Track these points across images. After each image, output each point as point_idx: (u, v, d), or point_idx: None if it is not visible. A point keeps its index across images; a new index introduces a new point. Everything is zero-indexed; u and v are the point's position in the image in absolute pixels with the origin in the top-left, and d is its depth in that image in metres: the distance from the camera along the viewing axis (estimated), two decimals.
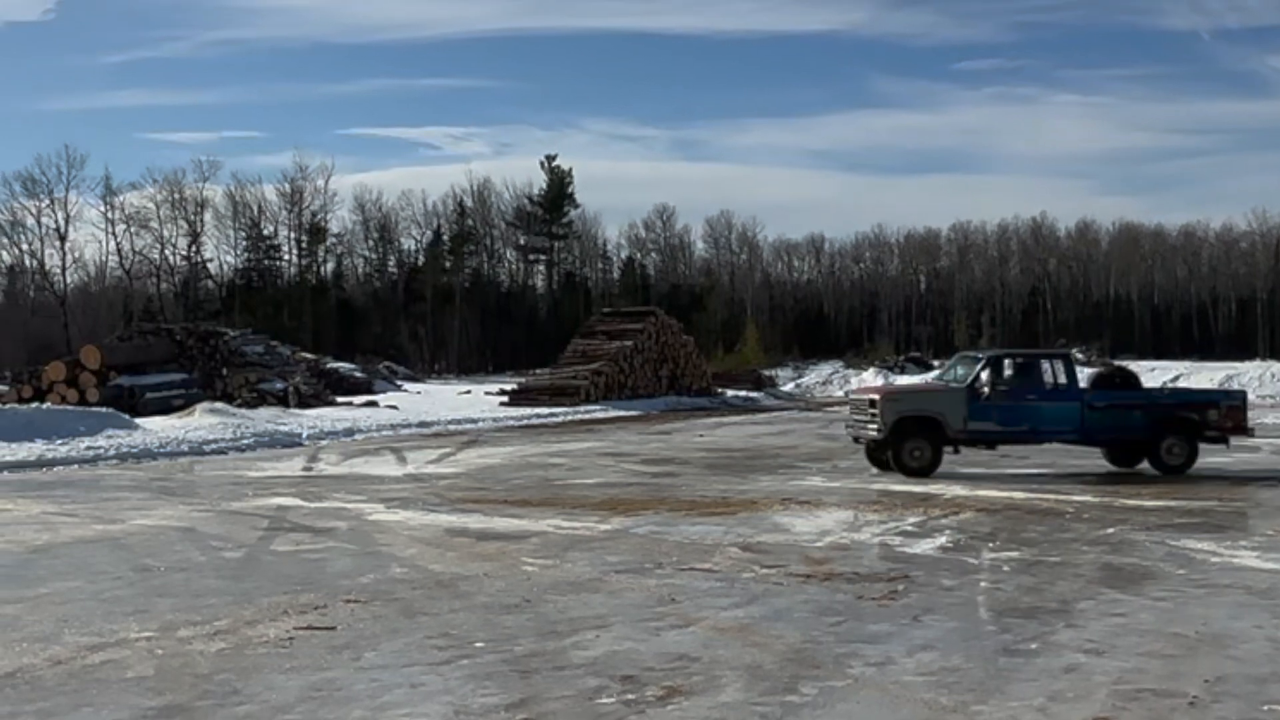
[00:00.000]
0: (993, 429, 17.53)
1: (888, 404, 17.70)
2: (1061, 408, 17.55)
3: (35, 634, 7.79)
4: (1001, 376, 17.90)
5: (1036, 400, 17.62)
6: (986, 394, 17.47)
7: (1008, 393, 17.61)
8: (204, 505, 14.43)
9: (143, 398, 31.48)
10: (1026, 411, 17.55)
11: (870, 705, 6.30)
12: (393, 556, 10.74)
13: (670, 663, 7.03)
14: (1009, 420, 17.49)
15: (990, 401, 17.44)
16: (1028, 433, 17.83)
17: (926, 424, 17.37)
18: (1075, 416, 17.52)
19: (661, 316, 43.90)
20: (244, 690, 6.51)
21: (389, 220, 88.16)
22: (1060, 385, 17.73)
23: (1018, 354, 19.34)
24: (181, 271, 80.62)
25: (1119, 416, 17.72)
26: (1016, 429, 17.65)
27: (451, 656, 7.19)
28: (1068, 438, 17.93)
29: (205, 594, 9.08)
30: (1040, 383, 17.85)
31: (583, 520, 12.93)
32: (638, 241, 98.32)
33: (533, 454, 20.18)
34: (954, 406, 17.45)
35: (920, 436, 17.27)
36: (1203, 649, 7.43)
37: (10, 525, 12.76)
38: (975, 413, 17.37)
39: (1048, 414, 17.58)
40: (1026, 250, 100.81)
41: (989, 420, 17.45)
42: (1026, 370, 18.19)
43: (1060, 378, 17.83)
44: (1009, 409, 17.48)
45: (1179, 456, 17.45)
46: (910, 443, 17.22)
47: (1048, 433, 17.89)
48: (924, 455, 17.18)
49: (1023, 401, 17.56)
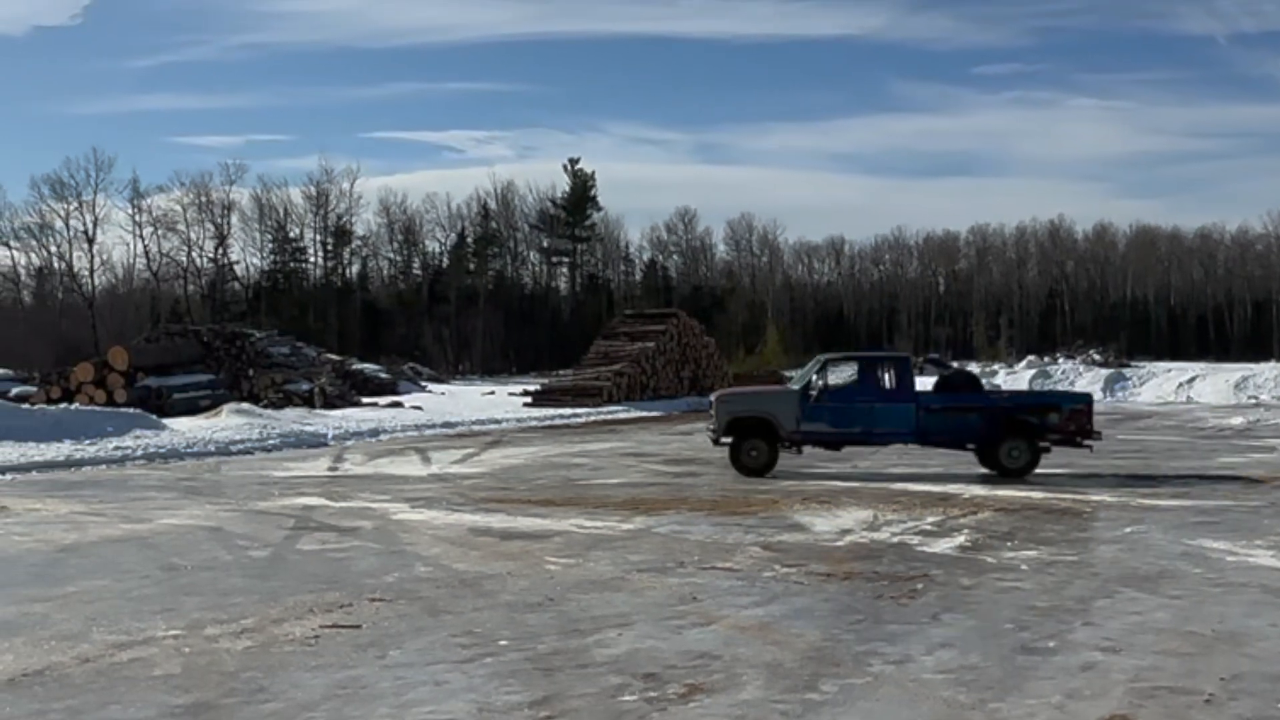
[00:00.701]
0: (826, 430, 17.89)
1: (722, 406, 18.31)
2: (896, 410, 17.71)
3: (64, 632, 7.86)
4: (836, 379, 18.15)
5: (870, 402, 17.79)
6: (817, 396, 17.78)
7: (842, 395, 17.86)
8: (230, 505, 14.52)
9: (170, 398, 31.68)
10: (860, 413, 17.78)
11: (890, 703, 6.32)
12: (417, 556, 10.79)
13: (692, 661, 7.06)
14: (842, 422, 17.80)
15: (823, 403, 17.75)
16: (862, 434, 18.05)
17: (761, 425, 17.78)
18: (910, 419, 17.69)
19: (683, 318, 43.91)
20: (270, 688, 6.56)
21: (414, 223, 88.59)
22: (895, 388, 17.88)
23: (853, 357, 19.61)
24: (208, 273, 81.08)
25: (955, 419, 17.82)
26: (850, 430, 17.90)
27: (475, 655, 7.23)
28: (903, 439, 18.13)
29: (232, 593, 9.15)
30: (875, 385, 17.96)
31: (605, 520, 12.96)
32: (659, 244, 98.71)
33: (556, 454, 20.22)
34: (786, 408, 17.89)
35: (758, 437, 17.73)
36: (1219, 647, 7.44)
37: (39, 524, 12.87)
38: (808, 414, 17.75)
39: (881, 416, 17.77)
40: (1044, 252, 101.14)
41: (822, 422, 17.80)
42: (861, 373, 18.28)
43: (895, 381, 17.97)
44: (842, 411, 17.77)
45: (1019, 459, 17.51)
46: (748, 443, 17.72)
47: (882, 434, 18.12)
48: (760, 456, 17.66)
49: (856, 404, 17.78)
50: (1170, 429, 26.88)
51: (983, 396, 18.63)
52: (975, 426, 17.70)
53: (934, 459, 18.69)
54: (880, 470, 17.61)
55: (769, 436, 17.74)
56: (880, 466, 17.75)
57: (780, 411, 17.86)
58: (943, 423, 17.71)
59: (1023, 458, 17.43)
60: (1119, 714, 6.10)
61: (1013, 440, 17.50)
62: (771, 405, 18.20)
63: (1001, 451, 17.50)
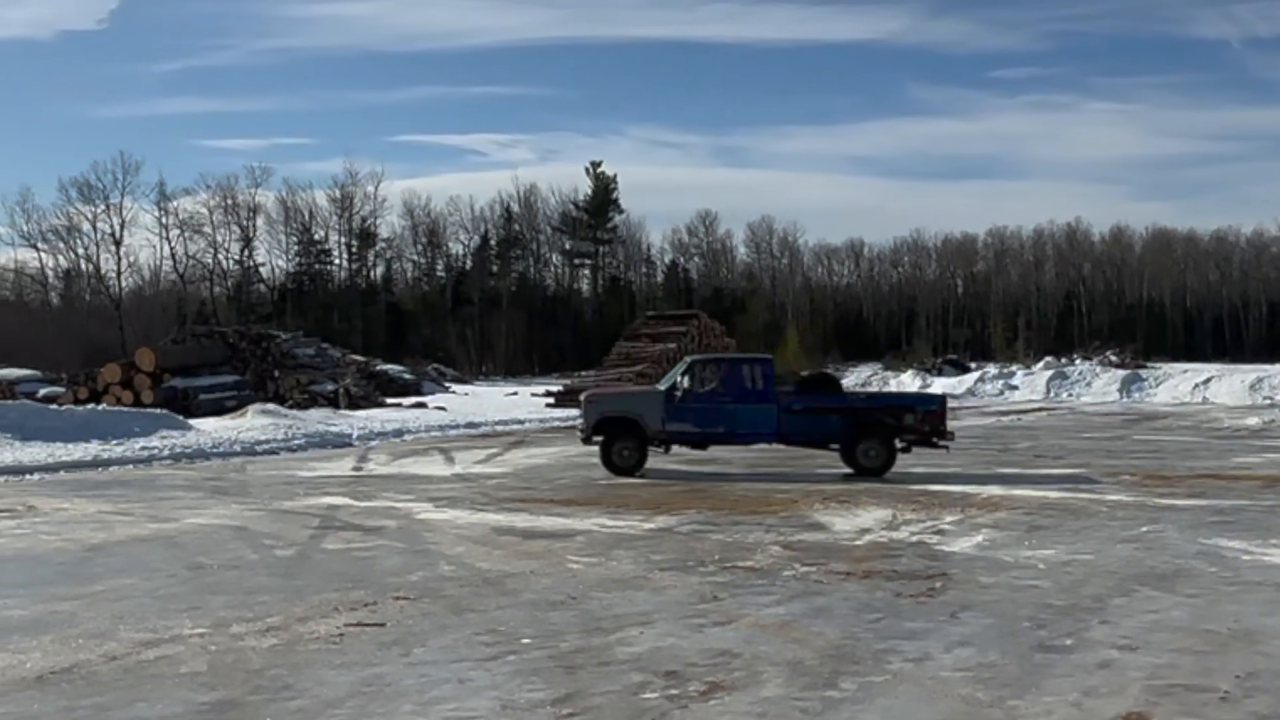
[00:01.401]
0: (691, 430, 18.17)
1: (591, 406, 18.59)
2: (758, 410, 18.00)
3: (91, 630, 7.93)
4: (701, 380, 18.31)
5: (734, 403, 18.05)
6: (682, 397, 18.03)
7: (706, 396, 18.10)
8: (256, 504, 14.61)
9: (196, 399, 31.86)
10: (723, 413, 18.07)
11: (909, 700, 6.34)
12: (441, 554, 10.85)
13: (713, 659, 7.09)
14: (706, 422, 18.08)
15: (688, 404, 18.00)
16: (725, 434, 18.33)
17: (628, 425, 18.05)
18: (771, 419, 18.00)
19: (704, 319, 43.92)
20: (295, 685, 6.61)
21: (437, 225, 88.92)
22: (758, 389, 18.10)
23: (718, 359, 19.88)
24: (234, 275, 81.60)
25: (815, 420, 18.08)
26: (714, 430, 18.18)
27: (499, 652, 7.27)
28: (765, 439, 18.39)
29: (257, 591, 9.22)
30: (738, 386, 18.18)
31: (627, 519, 13.00)
32: (681, 246, 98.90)
33: (578, 454, 20.22)
34: (652, 408, 18.19)
35: (626, 437, 18.00)
36: (1234, 645, 7.46)
37: (67, 524, 12.97)
38: (673, 415, 18.05)
39: (744, 416, 18.04)
40: (1061, 255, 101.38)
41: (686, 422, 18.08)
42: (726, 374, 18.47)
43: (759, 382, 18.18)
44: (706, 411, 18.05)
45: (875, 459, 17.82)
46: (619, 443, 17.99)
47: (745, 434, 18.39)
48: (630, 455, 17.94)
49: (720, 404, 18.04)
50: (1186, 429, 26.76)
51: (841, 398, 18.83)
52: (834, 427, 18.06)
53: (953, 459, 18.66)
54: (899, 470, 17.60)
55: (637, 436, 18.03)
56: (899, 467, 17.73)
57: (646, 412, 18.19)
58: (803, 423, 18.06)
59: (879, 457, 17.81)
60: (1135, 711, 6.11)
61: (869, 440, 17.86)
62: (638, 405, 18.55)
63: (859, 451, 17.84)
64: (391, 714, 6.14)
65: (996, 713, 6.13)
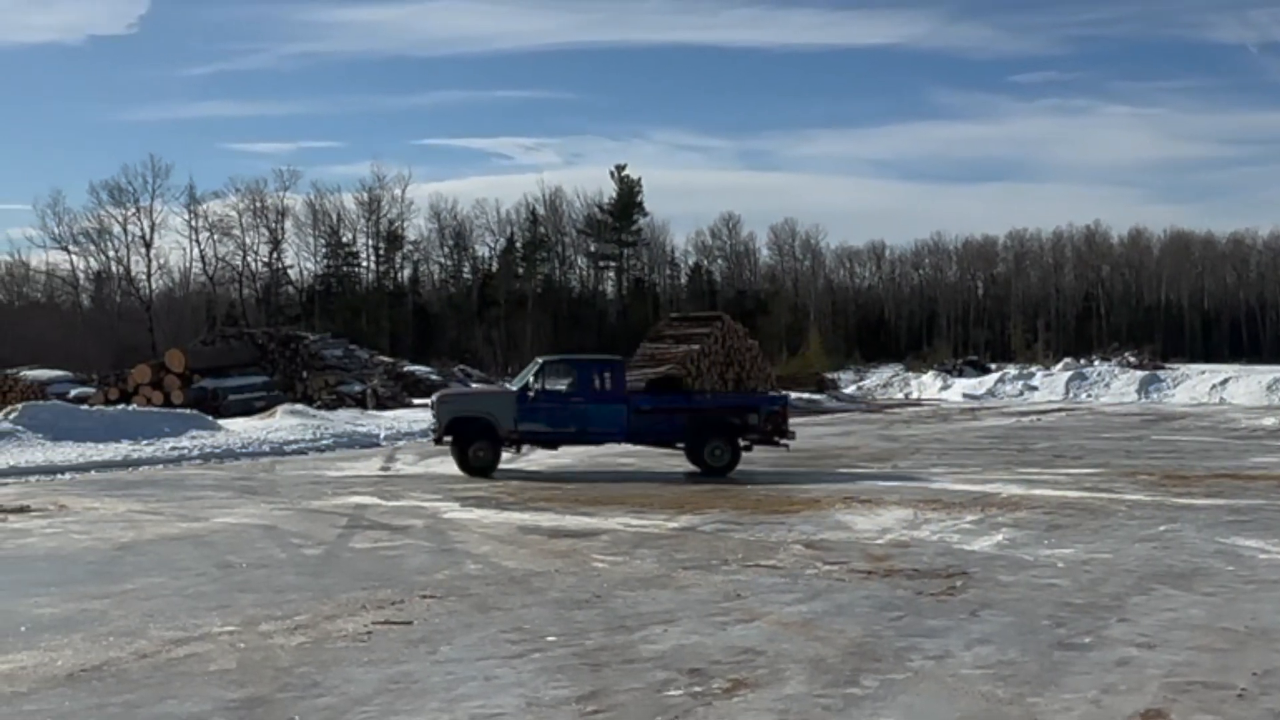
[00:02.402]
0: (543, 430, 18.29)
1: (443, 406, 18.68)
2: (608, 410, 18.14)
3: (122, 628, 8.02)
4: (552, 381, 18.40)
5: (584, 403, 18.17)
6: (534, 397, 18.09)
7: (558, 396, 18.19)
8: (285, 504, 14.71)
9: (225, 399, 32.06)
10: (574, 414, 18.19)
11: (930, 697, 6.36)
12: (467, 553, 10.92)
13: (736, 656, 7.12)
14: (557, 422, 18.19)
15: (540, 404, 18.06)
16: (577, 434, 18.48)
17: (481, 425, 18.09)
18: (621, 419, 18.14)
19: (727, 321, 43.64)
20: (324, 683, 6.67)
21: (464, 228, 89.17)
22: (608, 390, 18.22)
23: (569, 360, 19.94)
24: (263, 278, 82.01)
25: (664, 420, 18.30)
26: (565, 430, 18.32)
27: (524, 650, 7.32)
28: (615, 439, 18.59)
29: (286, 590, 9.29)
30: (589, 387, 18.30)
31: (651, 518, 13.04)
32: (704, 248, 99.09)
33: (602, 454, 20.29)
34: (504, 409, 18.27)
35: (480, 437, 18.06)
36: (1251, 643, 7.47)
37: (98, 523, 13.10)
38: (525, 415, 18.11)
39: (595, 416, 18.20)
40: (1080, 257, 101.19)
41: (538, 422, 18.17)
42: (577, 375, 18.57)
43: (609, 383, 18.32)
44: (557, 411, 18.15)
45: (721, 458, 18.06)
46: (475, 443, 18.04)
47: (596, 434, 18.56)
48: (485, 455, 18.03)
49: (571, 404, 18.14)
50: (1204, 430, 26.63)
51: (687, 398, 18.82)
52: (681, 427, 18.25)
53: (974, 460, 18.63)
54: (920, 471, 17.59)
55: (490, 436, 18.08)
56: (920, 467, 17.71)
57: (498, 411, 18.27)
58: (652, 423, 18.26)
59: (725, 456, 18.06)
60: (1154, 708, 6.13)
61: (715, 440, 18.07)
62: (490, 405, 18.66)
63: (706, 451, 18.04)
64: (418, 711, 6.19)
65: (1016, 710, 6.14)
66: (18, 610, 8.62)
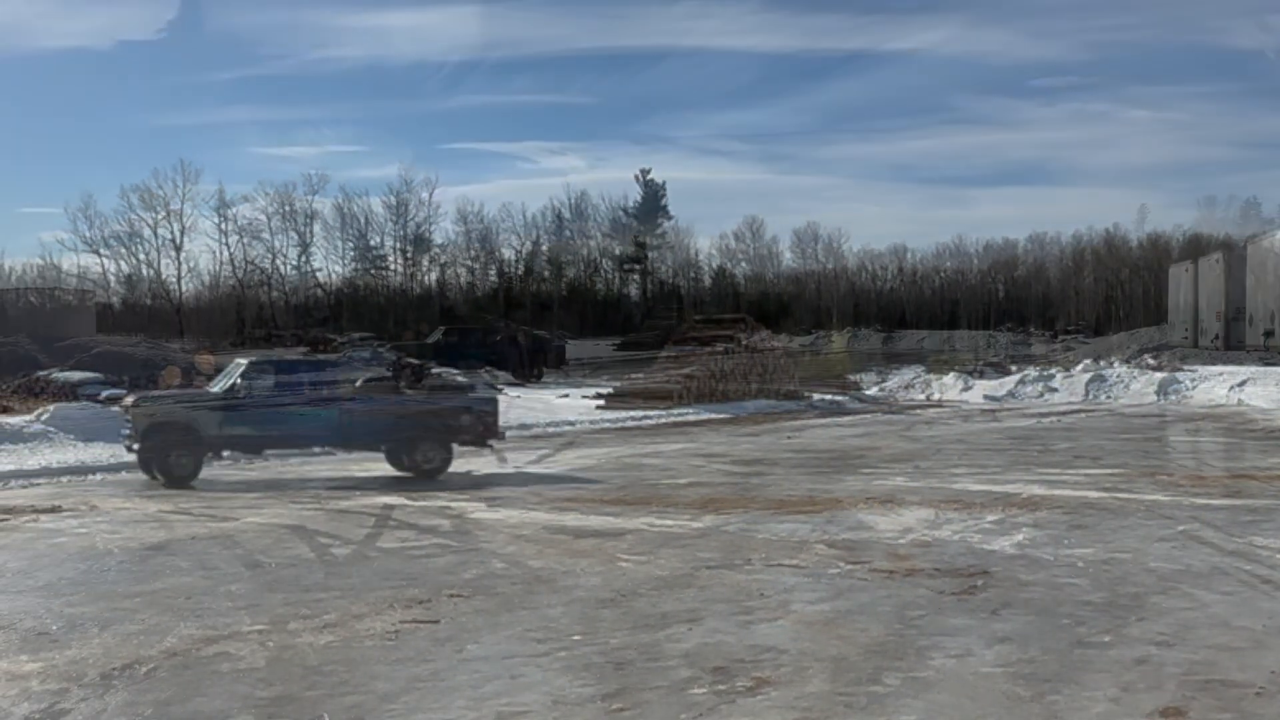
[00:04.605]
0: (250, 434, 17.64)
1: (138, 411, 17.72)
2: (319, 413, 17.63)
3: (152, 627, 8.11)
4: (260, 383, 17.79)
5: (294, 406, 17.59)
6: (239, 400, 17.51)
7: (266, 399, 17.60)
8: (313, 504, 14.79)
9: None
10: (283, 417, 17.56)
11: (951, 695, 6.38)
12: (493, 553, 10.96)
13: (759, 655, 7.16)
14: (265, 426, 17.54)
15: (244, 408, 17.46)
16: (286, 438, 17.98)
17: (180, 430, 17.37)
18: (331, 422, 17.66)
19: (751, 323, 44.06)
20: (351, 681, 6.74)
21: (490, 231, 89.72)
22: (317, 392, 17.76)
23: (275, 361, 19.47)
24: (292, 280, 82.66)
25: (376, 422, 17.75)
26: (273, 434, 17.73)
27: (550, 649, 7.38)
28: (325, 442, 18.23)
29: (314, 589, 9.37)
30: (300, 389, 17.77)
31: (675, 518, 13.05)
32: (728, 251, 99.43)
33: (627, 455, 20.32)
34: (206, 413, 17.48)
35: (180, 443, 17.28)
36: (1270, 642, 7.46)
37: (129, 524, 13.22)
38: (230, 419, 17.41)
39: (306, 420, 17.63)
40: (1100, 260, 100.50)
41: (245, 426, 17.48)
42: (285, 377, 18.02)
43: (318, 385, 17.87)
44: (264, 415, 17.51)
45: (433, 461, 17.71)
46: (174, 451, 17.23)
47: (306, 437, 18.16)
48: (186, 464, 17.21)
49: (280, 408, 17.56)
50: (1222, 430, 26.40)
51: (401, 400, 18.35)
52: (392, 429, 17.80)
53: (994, 460, 18.57)
54: (941, 471, 17.55)
55: (190, 443, 17.34)
56: (941, 467, 17.67)
57: (200, 417, 17.48)
58: (365, 425, 17.73)
59: (436, 459, 17.73)
60: (1172, 706, 6.14)
61: (428, 442, 17.76)
62: (190, 410, 17.78)
63: (418, 454, 17.71)
64: (445, 708, 6.25)
65: (1036, 707, 6.16)
66: (50, 609, 8.74)
